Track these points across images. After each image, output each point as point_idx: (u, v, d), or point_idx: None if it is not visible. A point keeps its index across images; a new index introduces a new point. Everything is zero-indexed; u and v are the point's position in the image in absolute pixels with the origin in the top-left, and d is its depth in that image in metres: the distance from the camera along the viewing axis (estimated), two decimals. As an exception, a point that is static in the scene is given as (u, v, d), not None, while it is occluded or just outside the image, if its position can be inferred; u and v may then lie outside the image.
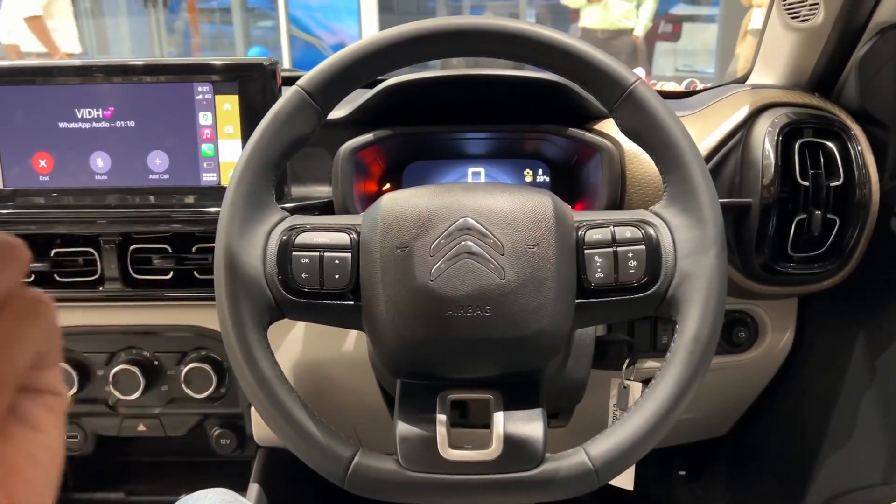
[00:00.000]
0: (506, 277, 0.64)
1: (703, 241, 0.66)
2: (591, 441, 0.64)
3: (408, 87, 0.95)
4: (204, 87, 0.93)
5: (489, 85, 0.97)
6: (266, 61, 0.92)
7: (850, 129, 0.94)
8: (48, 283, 0.98)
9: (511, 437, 0.64)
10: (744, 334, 1.08)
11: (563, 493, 0.64)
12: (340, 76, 0.70)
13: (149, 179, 0.95)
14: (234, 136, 0.94)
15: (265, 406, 0.66)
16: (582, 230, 0.68)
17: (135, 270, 0.98)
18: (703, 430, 1.31)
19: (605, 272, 0.67)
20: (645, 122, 0.68)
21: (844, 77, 0.99)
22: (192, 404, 1.09)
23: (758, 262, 0.94)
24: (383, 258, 0.66)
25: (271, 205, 0.70)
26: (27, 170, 0.95)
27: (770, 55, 1.07)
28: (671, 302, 0.67)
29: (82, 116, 0.94)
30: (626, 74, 0.69)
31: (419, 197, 0.68)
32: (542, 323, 0.65)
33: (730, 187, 0.96)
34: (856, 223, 0.92)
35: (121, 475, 1.30)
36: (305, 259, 0.68)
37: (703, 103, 1.03)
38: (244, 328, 0.65)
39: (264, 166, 0.69)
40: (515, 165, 1.07)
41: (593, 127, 0.99)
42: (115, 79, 0.93)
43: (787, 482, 1.17)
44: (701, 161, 0.68)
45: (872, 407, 1.02)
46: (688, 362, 0.64)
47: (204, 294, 0.98)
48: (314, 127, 0.71)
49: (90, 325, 1.04)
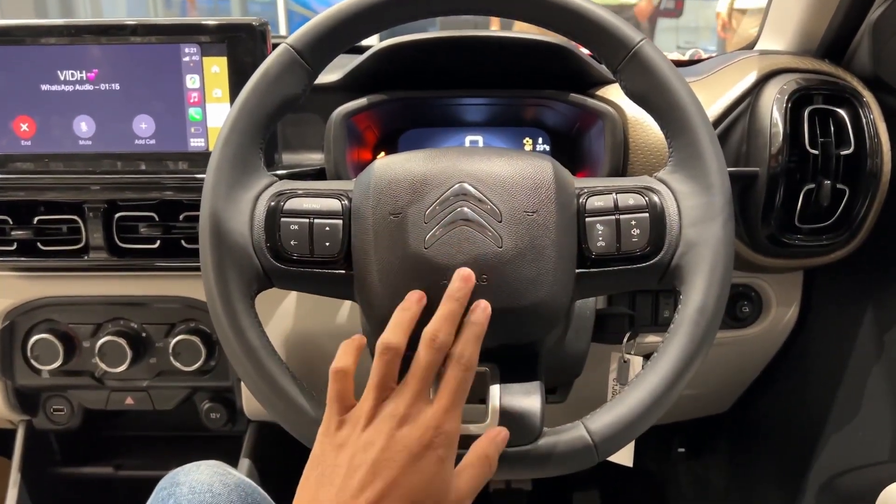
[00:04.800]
0: (503, 245, 0.62)
1: (710, 209, 0.63)
2: (590, 415, 0.62)
3: (403, 49, 0.92)
4: (191, 48, 0.90)
5: (488, 48, 0.94)
6: (256, 21, 0.89)
7: (862, 96, 0.91)
8: (31, 252, 0.96)
9: (508, 411, 0.62)
10: (747, 309, 1.06)
11: (561, 468, 0.62)
12: (332, 33, 0.67)
13: (134, 145, 0.92)
14: (222, 100, 0.91)
15: (253, 378, 0.64)
16: (583, 197, 0.66)
17: (121, 239, 0.95)
18: (704, 406, 1.30)
19: (607, 241, 0.64)
20: (651, 83, 0.66)
21: (856, 42, 0.96)
22: (181, 377, 1.06)
23: (764, 234, 0.91)
24: (376, 225, 0.63)
25: (259, 169, 0.68)
26: (8, 134, 0.92)
27: (779, 20, 1.04)
28: (675, 272, 0.64)
29: (65, 79, 0.91)
30: (632, 33, 0.66)
31: (413, 161, 0.65)
32: (540, 293, 0.62)
33: (736, 156, 0.93)
34: (866, 193, 0.89)
35: (109, 449, 1.28)
36: (294, 226, 0.65)
37: (710, 69, 1.00)
38: (230, 297, 0.63)
39: (252, 128, 0.66)
40: (514, 133, 1.04)
41: (595, 93, 0.96)
42: (100, 39, 0.90)
43: (789, 460, 1.16)
44: (709, 125, 0.65)
45: (878, 383, 1.00)
46: (692, 335, 0.62)
47: (192, 264, 0.95)
48: (304, 87, 0.68)
49: (75, 295, 1.02)
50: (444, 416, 0.54)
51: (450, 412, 0.54)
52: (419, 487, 0.52)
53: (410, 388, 0.55)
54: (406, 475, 0.52)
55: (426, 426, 0.53)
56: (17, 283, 1.02)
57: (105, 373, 1.04)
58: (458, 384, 0.55)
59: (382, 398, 0.55)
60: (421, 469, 0.52)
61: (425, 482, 0.52)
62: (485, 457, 0.57)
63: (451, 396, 0.55)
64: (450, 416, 0.54)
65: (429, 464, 0.52)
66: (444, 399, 0.55)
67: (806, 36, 1.00)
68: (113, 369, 1.02)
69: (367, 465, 0.52)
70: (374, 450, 0.52)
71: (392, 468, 0.52)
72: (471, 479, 0.55)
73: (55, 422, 1.14)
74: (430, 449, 0.53)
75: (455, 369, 0.55)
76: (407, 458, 0.52)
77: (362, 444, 0.53)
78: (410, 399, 0.54)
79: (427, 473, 0.52)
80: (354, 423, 0.55)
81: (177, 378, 1.07)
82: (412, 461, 0.52)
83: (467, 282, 0.58)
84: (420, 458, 0.52)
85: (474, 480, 0.56)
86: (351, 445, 0.53)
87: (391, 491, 0.51)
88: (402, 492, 0.51)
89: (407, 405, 0.54)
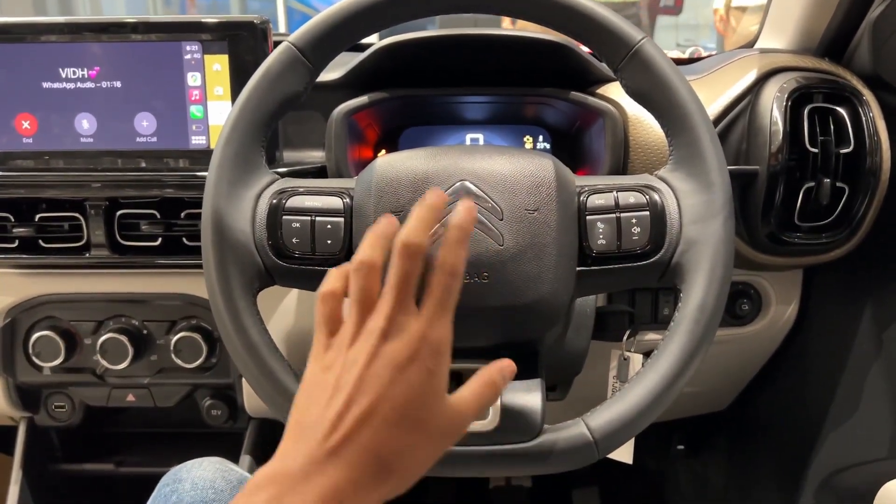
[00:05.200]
0: (504, 243, 0.62)
1: (711, 207, 0.64)
2: (590, 412, 0.62)
3: (404, 47, 0.92)
4: (192, 46, 0.90)
5: (489, 46, 0.94)
6: (257, 20, 0.89)
7: (862, 95, 0.91)
8: (32, 249, 0.96)
9: (508, 408, 0.62)
10: (747, 306, 1.06)
11: (562, 465, 0.62)
12: (333, 31, 0.67)
13: (136, 142, 0.92)
14: (223, 98, 0.91)
15: (254, 375, 0.64)
16: (584, 195, 0.66)
17: (122, 236, 0.95)
18: (703, 404, 1.30)
19: (608, 239, 0.65)
20: (651, 82, 0.66)
21: (856, 41, 0.96)
22: (182, 374, 1.07)
23: (763, 232, 0.91)
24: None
25: (261, 167, 0.68)
26: (10, 131, 0.92)
27: (779, 18, 1.04)
28: (676, 270, 0.64)
29: (67, 76, 0.91)
30: (633, 32, 0.66)
31: (415, 159, 0.65)
32: (541, 291, 0.62)
33: (736, 154, 0.93)
34: (865, 192, 0.89)
35: (111, 446, 1.28)
36: (296, 224, 0.65)
37: (710, 68, 1.00)
38: (232, 294, 0.63)
39: (253, 126, 0.66)
40: (515, 132, 1.04)
41: (596, 91, 0.96)
42: (101, 37, 0.90)
43: (788, 457, 1.16)
44: (709, 124, 0.66)
45: (877, 381, 1.00)
46: (692, 332, 0.62)
47: (193, 261, 0.95)
48: (306, 85, 0.68)
49: (77, 292, 1.02)
50: (429, 326, 0.51)
51: (436, 321, 0.52)
52: (407, 400, 0.50)
53: (389, 301, 0.52)
54: (392, 388, 0.50)
55: (410, 337, 0.51)
56: (19, 281, 1.02)
57: (106, 370, 1.04)
58: (443, 290, 0.52)
59: (365, 315, 0.52)
60: (408, 381, 0.50)
61: (413, 395, 0.50)
62: (490, 382, 0.55)
63: (436, 304, 0.52)
64: (436, 325, 0.52)
65: (416, 375, 0.50)
66: (428, 308, 0.52)
67: (806, 34, 1.00)
68: (114, 366, 1.02)
69: (352, 382, 0.50)
70: (359, 367, 0.50)
71: (377, 383, 0.50)
72: (470, 399, 0.54)
73: (56, 419, 1.15)
74: (415, 360, 0.50)
75: (438, 275, 0.52)
76: (392, 372, 0.50)
77: (348, 363, 0.51)
78: (391, 311, 0.51)
79: (414, 386, 0.50)
80: (340, 345, 0.53)
81: (178, 375, 1.07)
82: (398, 374, 0.50)
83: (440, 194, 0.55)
84: (406, 371, 0.50)
85: (474, 401, 0.54)
86: (337, 366, 0.51)
87: (378, 405, 0.49)
88: (390, 405, 0.49)
89: (387, 318, 0.51)
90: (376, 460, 0.49)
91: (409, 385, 0.50)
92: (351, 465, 0.48)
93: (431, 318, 0.51)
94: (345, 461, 0.48)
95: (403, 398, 0.50)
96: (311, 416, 0.50)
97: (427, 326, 0.51)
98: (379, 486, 0.49)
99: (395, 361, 0.50)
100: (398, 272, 0.52)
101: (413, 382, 0.50)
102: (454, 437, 0.53)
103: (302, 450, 0.49)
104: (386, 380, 0.49)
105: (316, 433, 0.49)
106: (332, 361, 0.52)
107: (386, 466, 0.49)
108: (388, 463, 0.49)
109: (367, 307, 0.52)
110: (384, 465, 0.49)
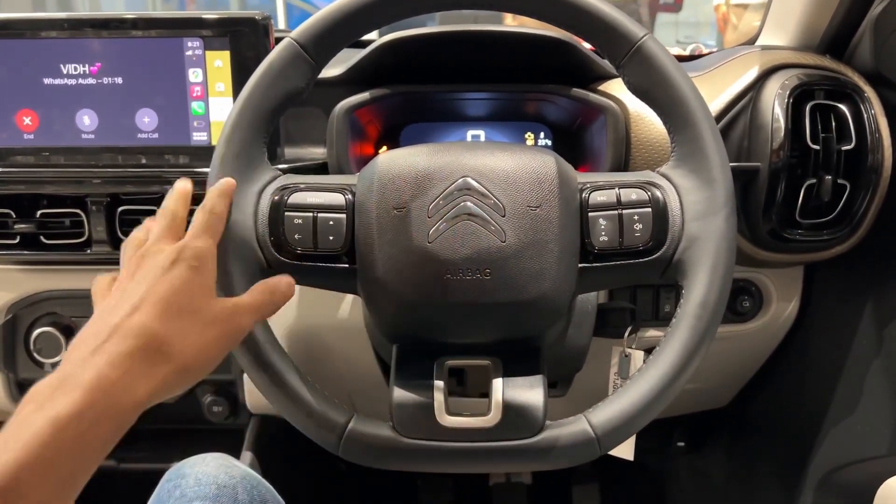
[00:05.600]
0: (506, 240, 0.62)
1: (713, 204, 0.64)
2: (592, 408, 0.62)
3: (406, 43, 0.92)
4: (194, 42, 0.90)
5: (490, 42, 0.94)
6: (259, 16, 0.89)
7: (864, 92, 0.91)
8: (34, 245, 0.96)
9: (510, 404, 0.62)
10: (748, 303, 1.06)
11: (564, 461, 0.62)
12: (336, 28, 0.67)
13: (137, 139, 0.92)
14: (225, 94, 0.91)
15: (257, 371, 0.64)
16: (586, 192, 0.66)
17: (123, 233, 0.95)
18: (704, 401, 1.30)
19: (610, 235, 0.64)
20: (654, 79, 0.66)
21: (858, 37, 0.96)
22: None
23: (765, 229, 0.91)
24: (379, 219, 0.63)
25: (263, 163, 0.68)
26: (11, 127, 0.92)
27: (780, 15, 1.04)
28: (678, 266, 0.64)
29: (68, 72, 0.91)
30: (635, 28, 0.66)
31: (417, 156, 0.65)
32: (543, 287, 0.63)
33: (738, 151, 0.93)
34: (867, 189, 0.90)
35: None
36: (298, 220, 0.65)
37: (711, 65, 1.00)
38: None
39: (255, 122, 0.66)
40: (516, 128, 1.04)
41: (597, 88, 0.96)
42: (102, 33, 0.89)
43: (789, 454, 1.16)
44: (711, 120, 0.66)
45: (878, 378, 1.00)
46: (694, 328, 0.62)
47: (195, 258, 0.95)
48: (308, 81, 0.68)
49: (78, 288, 1.02)
50: (190, 239, 0.58)
51: (196, 238, 0.59)
52: (173, 292, 0.54)
53: (155, 228, 0.60)
54: (158, 284, 0.54)
55: (172, 248, 0.57)
56: (20, 277, 1.02)
57: (108, 366, 1.04)
58: (202, 220, 0.60)
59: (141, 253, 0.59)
60: (173, 277, 0.55)
61: (179, 288, 0.55)
62: (271, 287, 0.61)
63: (196, 227, 0.60)
64: (198, 239, 0.58)
65: (180, 272, 0.55)
66: (189, 231, 0.60)
67: (807, 31, 1.00)
68: (116, 363, 1.02)
69: (120, 290, 0.55)
70: (126, 279, 0.57)
71: (143, 283, 0.55)
72: (247, 298, 0.60)
73: None
74: (179, 261, 0.56)
75: (200, 212, 0.61)
76: (157, 271, 0.55)
77: (120, 282, 0.57)
78: (157, 236, 0.59)
79: (179, 280, 0.55)
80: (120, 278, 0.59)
81: None
82: (162, 273, 0.55)
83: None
84: (170, 270, 0.55)
85: (250, 299, 0.60)
86: (112, 293, 0.57)
87: (145, 300, 0.53)
88: (156, 298, 0.53)
89: (155, 240, 0.59)
90: (145, 346, 0.51)
91: (174, 280, 0.55)
92: (120, 353, 0.50)
93: (192, 236, 0.59)
94: (113, 352, 0.50)
95: (168, 290, 0.54)
96: (88, 329, 0.53)
97: (189, 240, 0.58)
98: (151, 373, 0.51)
99: (159, 263, 0.56)
100: (166, 206, 0.62)
101: (177, 277, 0.55)
102: (232, 333, 0.57)
103: (72, 356, 0.51)
104: (151, 278, 0.55)
105: (87, 340, 0.52)
106: (114, 292, 0.57)
107: (156, 350, 0.52)
108: (157, 347, 0.52)
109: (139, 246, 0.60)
110: (154, 349, 0.52)
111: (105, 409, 0.48)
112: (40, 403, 0.47)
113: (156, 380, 0.51)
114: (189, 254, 0.57)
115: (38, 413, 0.46)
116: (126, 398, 0.49)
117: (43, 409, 0.47)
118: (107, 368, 0.49)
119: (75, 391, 0.47)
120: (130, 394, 0.50)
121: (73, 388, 0.48)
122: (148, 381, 0.51)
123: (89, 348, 0.50)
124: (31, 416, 0.46)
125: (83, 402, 0.47)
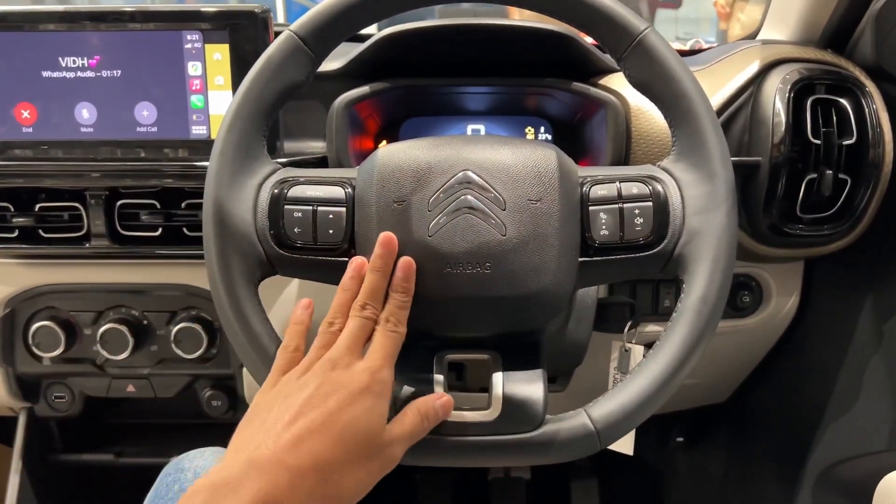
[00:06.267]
0: (507, 234, 0.62)
1: (713, 198, 0.63)
2: (592, 403, 0.62)
3: (406, 37, 0.91)
4: (193, 35, 0.89)
5: (490, 36, 0.93)
6: (258, 9, 0.89)
7: (865, 86, 0.91)
8: (32, 239, 0.96)
9: (510, 399, 0.62)
10: (748, 298, 1.06)
11: (564, 455, 0.62)
12: (335, 21, 0.66)
13: (136, 132, 0.92)
14: (224, 88, 0.90)
15: (256, 365, 0.64)
16: (586, 186, 0.65)
17: (122, 226, 0.95)
18: (703, 396, 1.30)
19: (610, 229, 0.64)
20: (655, 72, 0.65)
21: (859, 32, 0.96)
22: (183, 365, 1.06)
23: (765, 224, 0.91)
24: (379, 213, 0.63)
25: (262, 156, 0.67)
26: (9, 121, 0.92)
27: (781, 10, 1.04)
28: (678, 261, 0.64)
29: (67, 65, 0.91)
30: (636, 22, 0.66)
31: (417, 149, 0.65)
32: (543, 281, 0.62)
33: (738, 146, 0.93)
34: (868, 183, 0.89)
35: (110, 437, 1.28)
36: (298, 213, 0.65)
37: (712, 59, 1.00)
38: (234, 284, 0.63)
39: (255, 115, 0.66)
40: (516, 123, 1.04)
41: (598, 82, 0.95)
42: (100, 26, 0.89)
43: (788, 449, 1.16)
44: (712, 114, 0.65)
45: (877, 373, 1.00)
46: (695, 323, 0.62)
47: (194, 252, 0.95)
48: (307, 74, 0.68)
49: (76, 282, 1.02)
50: (378, 366, 0.56)
51: (383, 365, 0.57)
52: (352, 424, 0.53)
53: (344, 344, 0.57)
54: (342, 410, 0.53)
55: (362, 370, 0.56)
56: (19, 271, 1.02)
57: (106, 360, 1.04)
58: (387, 340, 0.58)
59: (321, 354, 0.57)
60: (357, 406, 0.54)
61: (359, 420, 0.54)
62: (419, 412, 0.58)
63: (382, 352, 0.58)
64: (384, 367, 0.57)
65: (364, 402, 0.54)
66: (375, 353, 0.57)
67: (808, 26, 1.00)
68: (114, 357, 1.02)
69: (301, 400, 0.54)
70: (310, 388, 0.54)
71: (328, 402, 0.53)
72: (403, 428, 0.57)
73: (56, 409, 1.14)
74: (366, 390, 0.55)
75: (383, 330, 0.59)
76: (344, 395, 0.54)
77: (298, 385, 0.55)
78: (344, 350, 0.57)
79: (362, 411, 0.54)
80: (291, 375, 0.57)
81: (178, 366, 1.07)
82: (349, 398, 0.54)
83: (385, 247, 0.61)
84: (357, 397, 0.54)
85: (406, 429, 0.57)
86: (287, 389, 0.55)
87: (325, 422, 0.52)
88: (336, 426, 0.52)
89: (341, 354, 0.57)
90: (317, 471, 0.51)
91: (357, 410, 0.54)
92: (292, 471, 0.50)
93: (381, 361, 0.57)
94: (286, 467, 0.50)
95: (349, 421, 0.53)
96: (255, 430, 0.53)
97: (376, 366, 0.56)
98: (313, 500, 0.50)
99: (347, 386, 0.54)
100: (354, 326, 0.59)
101: (360, 408, 0.54)
102: (386, 466, 0.56)
103: (241, 458, 0.50)
104: (337, 400, 0.53)
105: (259, 442, 0.51)
106: (281, 388, 0.56)
107: (325, 479, 0.51)
108: (327, 476, 0.51)
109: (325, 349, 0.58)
110: (323, 477, 0.51)
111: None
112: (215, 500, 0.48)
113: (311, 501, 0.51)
114: (377, 386, 0.55)
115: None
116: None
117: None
118: (280, 485, 0.49)
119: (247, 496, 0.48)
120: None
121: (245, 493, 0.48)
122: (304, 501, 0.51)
123: (261, 452, 0.50)
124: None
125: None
